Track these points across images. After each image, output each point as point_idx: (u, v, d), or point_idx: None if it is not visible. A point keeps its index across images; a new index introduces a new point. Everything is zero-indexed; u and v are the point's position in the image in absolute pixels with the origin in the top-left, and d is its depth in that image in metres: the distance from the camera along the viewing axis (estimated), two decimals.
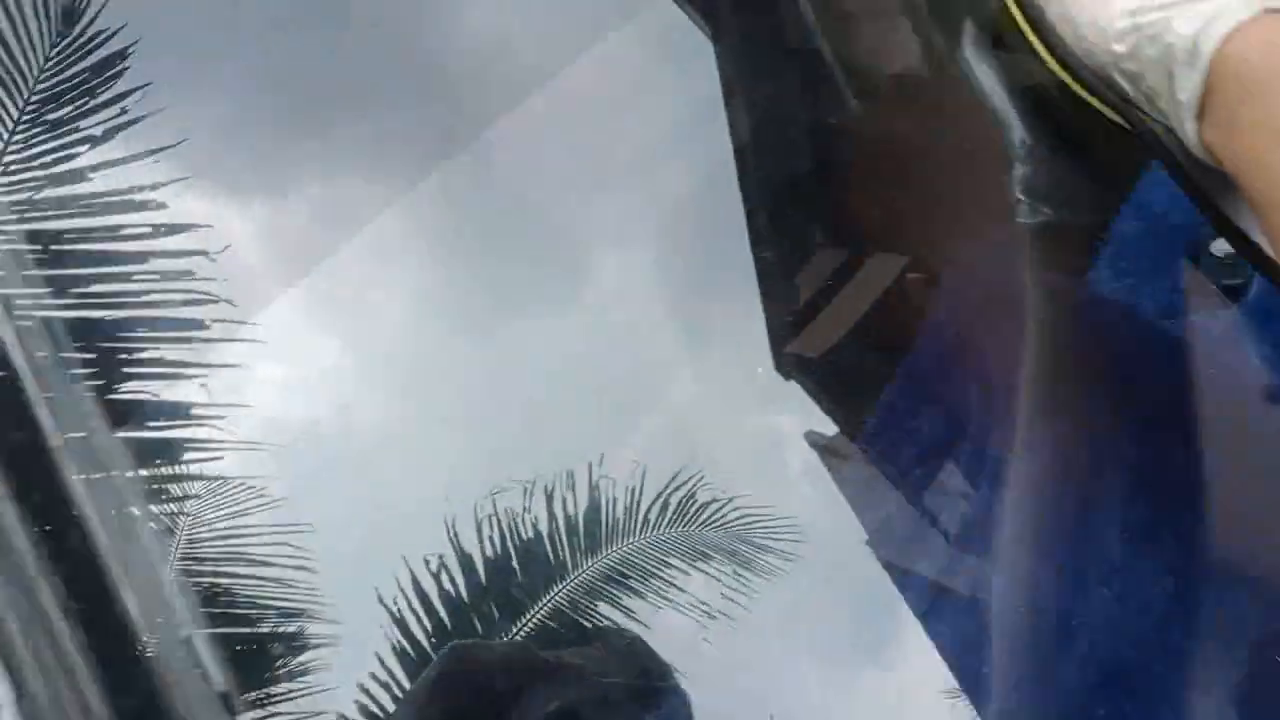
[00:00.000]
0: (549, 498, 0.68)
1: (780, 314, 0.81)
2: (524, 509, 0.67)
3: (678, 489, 0.69)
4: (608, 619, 0.65)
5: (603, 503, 0.68)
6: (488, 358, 0.78)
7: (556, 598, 0.65)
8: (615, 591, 0.66)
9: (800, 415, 0.76)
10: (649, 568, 0.67)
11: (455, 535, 0.66)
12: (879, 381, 0.75)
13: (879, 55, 0.91)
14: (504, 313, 0.80)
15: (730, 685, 0.64)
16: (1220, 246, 0.65)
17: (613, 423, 0.73)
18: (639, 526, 0.68)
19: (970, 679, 0.67)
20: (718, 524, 0.69)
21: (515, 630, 0.65)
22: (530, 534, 0.67)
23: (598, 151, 0.86)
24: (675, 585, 0.66)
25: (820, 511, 0.73)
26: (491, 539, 0.67)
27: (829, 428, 0.75)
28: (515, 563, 0.66)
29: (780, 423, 0.77)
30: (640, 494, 0.68)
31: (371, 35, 0.84)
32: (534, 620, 0.65)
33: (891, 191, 0.87)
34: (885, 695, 0.67)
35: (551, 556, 0.67)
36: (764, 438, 0.77)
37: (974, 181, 0.78)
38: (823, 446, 0.74)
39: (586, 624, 0.65)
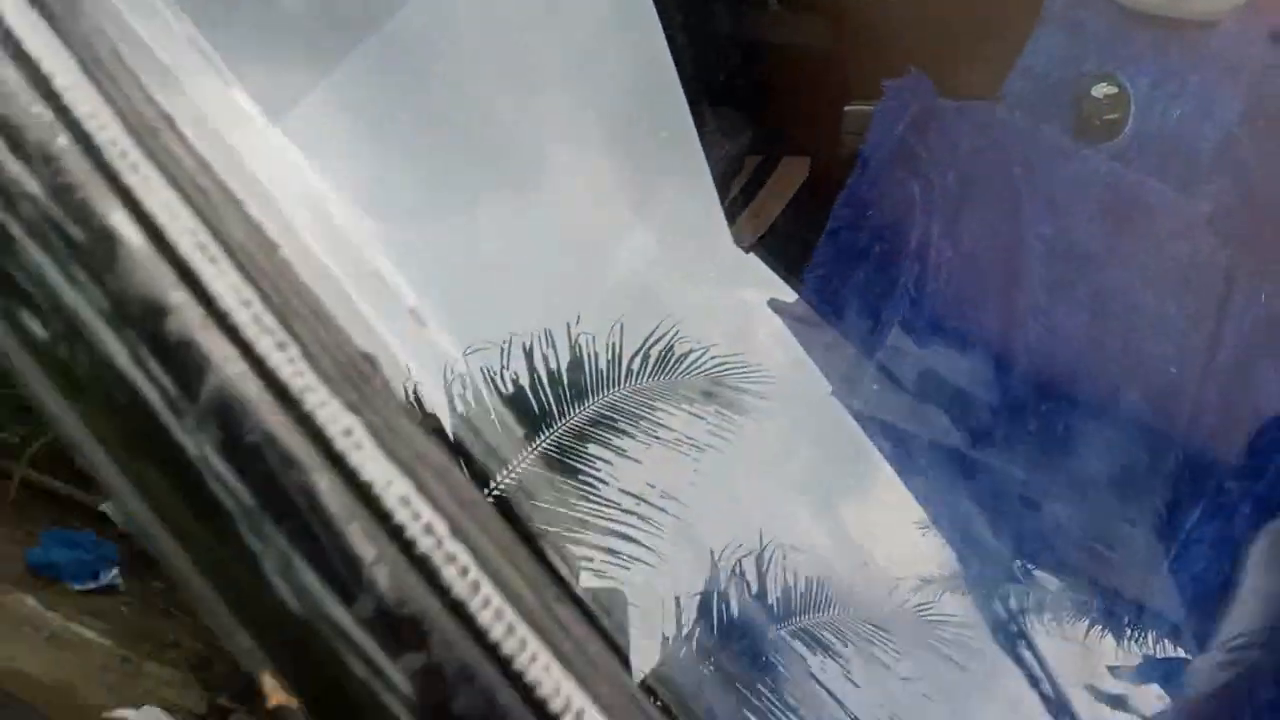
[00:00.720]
0: (528, 355, 0.67)
1: (730, 191, 0.83)
2: (502, 366, 0.67)
3: (657, 342, 0.70)
4: (597, 458, 0.65)
5: (584, 356, 0.68)
6: (442, 238, 0.77)
7: (544, 443, 0.66)
8: (604, 434, 0.66)
9: (763, 287, 0.78)
10: (636, 411, 0.68)
11: (417, 399, 0.65)
12: None
13: None
14: (460, 197, 0.80)
15: (721, 510, 0.66)
16: (1100, 90, 0.72)
17: (584, 291, 0.73)
18: (623, 377, 0.69)
19: (939, 513, 0.70)
20: (697, 371, 0.70)
21: (502, 477, 0.64)
22: (510, 389, 0.67)
23: (533, 52, 0.87)
24: (663, 425, 0.68)
25: (789, 368, 0.75)
26: (464, 397, 0.66)
27: (790, 295, 0.78)
28: (493, 416, 0.65)
29: (746, 296, 0.79)
30: (621, 348, 0.69)
31: None
32: (523, 465, 0.65)
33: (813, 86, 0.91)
34: (864, 524, 0.69)
35: (535, 407, 0.67)
36: (731, 310, 0.79)
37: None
38: (785, 312, 0.77)
39: (576, 466, 0.65)
